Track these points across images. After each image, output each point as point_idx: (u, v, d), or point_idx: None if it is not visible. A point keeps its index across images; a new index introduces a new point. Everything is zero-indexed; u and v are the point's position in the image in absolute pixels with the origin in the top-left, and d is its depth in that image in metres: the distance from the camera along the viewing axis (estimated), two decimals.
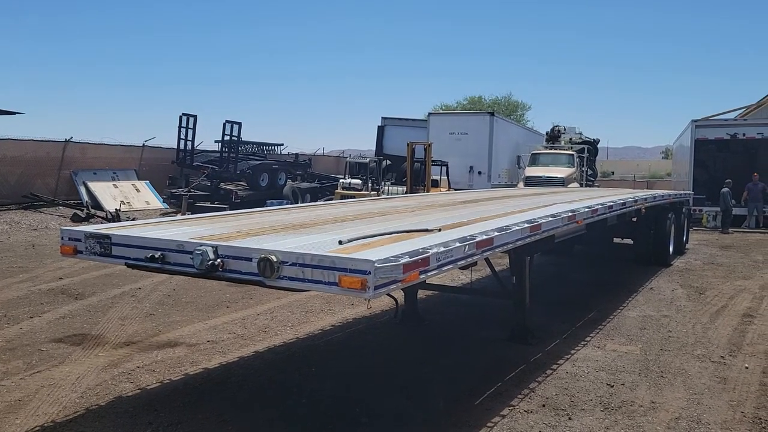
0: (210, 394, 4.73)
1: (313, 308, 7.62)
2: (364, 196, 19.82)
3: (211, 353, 5.76)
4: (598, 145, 32.37)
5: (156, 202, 20.43)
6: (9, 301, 7.54)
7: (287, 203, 21.08)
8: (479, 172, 24.13)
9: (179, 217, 8.45)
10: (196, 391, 4.80)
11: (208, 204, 19.59)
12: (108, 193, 19.08)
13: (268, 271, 3.21)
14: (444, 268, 3.50)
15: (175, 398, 4.62)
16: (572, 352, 5.95)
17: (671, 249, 11.95)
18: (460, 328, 6.89)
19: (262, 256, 3.23)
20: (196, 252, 3.43)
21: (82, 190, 18.62)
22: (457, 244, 3.65)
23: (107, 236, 3.87)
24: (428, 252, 3.32)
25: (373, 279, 2.92)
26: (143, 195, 20.40)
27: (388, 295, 3.51)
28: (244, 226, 4.41)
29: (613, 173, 40.08)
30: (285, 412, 4.40)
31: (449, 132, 24.45)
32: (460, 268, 3.97)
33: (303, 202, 22.78)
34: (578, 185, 23.08)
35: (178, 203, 19.91)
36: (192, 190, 20.36)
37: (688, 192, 15.25)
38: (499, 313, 7.03)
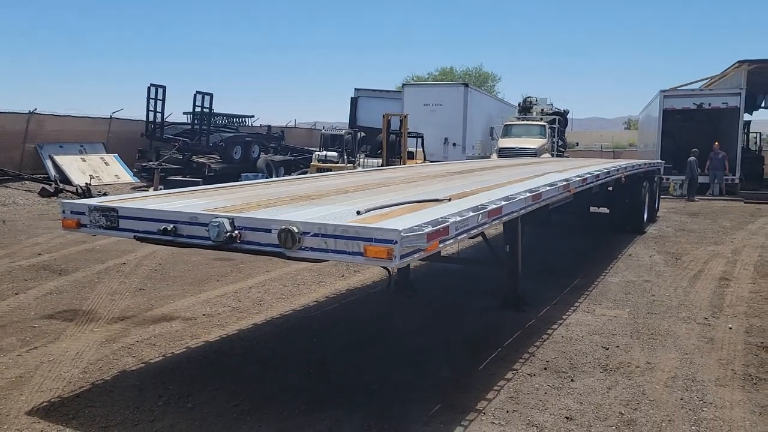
0: (215, 367, 4.74)
1: (304, 281, 7.64)
2: (341, 168, 19.72)
3: (209, 326, 5.74)
4: (567, 116, 32.81)
5: (126, 176, 19.95)
6: None
7: (262, 176, 20.84)
8: (454, 144, 24.25)
9: (155, 192, 8.31)
10: (201, 364, 4.80)
11: (180, 177, 19.22)
12: (76, 166, 18.52)
13: (289, 242, 3.21)
14: (459, 237, 3.55)
15: (181, 371, 4.61)
16: (564, 317, 6.12)
17: (645, 217, 12.31)
18: (453, 298, 7.01)
19: (283, 227, 3.22)
20: (213, 224, 3.40)
21: (49, 163, 18.03)
22: (471, 214, 3.69)
23: (113, 209, 3.79)
24: (447, 221, 3.36)
25: (399, 248, 2.95)
26: (112, 169, 19.88)
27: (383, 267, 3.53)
28: (249, 198, 4.37)
29: (577, 144, 40.63)
30: (293, 383, 4.43)
31: (424, 103, 24.42)
32: (469, 237, 4.04)
33: (277, 176, 22.54)
34: (550, 156, 23.40)
35: (149, 177, 19.48)
36: (163, 164, 19.93)
37: (659, 161, 15.64)
38: (489, 282, 7.17)
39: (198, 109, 21.37)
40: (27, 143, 18.12)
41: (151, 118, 20.74)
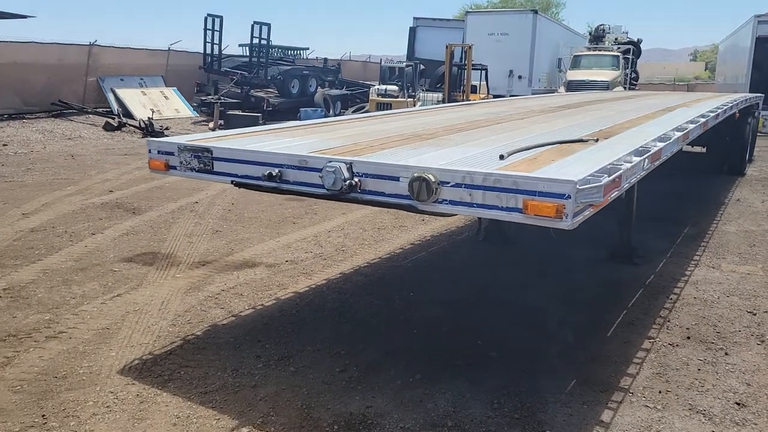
0: (311, 323, 4.32)
1: (384, 224, 7.13)
2: (401, 104, 18.86)
3: (294, 275, 5.34)
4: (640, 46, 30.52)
5: (186, 110, 19.69)
6: (65, 216, 7.13)
7: (321, 111, 20.22)
8: (519, 77, 22.88)
9: (249, 129, 7.82)
10: (295, 319, 4.39)
11: (239, 112, 18.80)
12: (137, 100, 18.33)
13: (423, 194, 2.63)
14: (625, 188, 2.89)
15: (275, 327, 4.22)
16: (687, 273, 5.43)
17: (747, 157, 11.19)
18: (551, 246, 6.35)
19: (417, 174, 2.63)
20: (327, 169, 2.84)
21: (111, 97, 17.88)
22: (636, 159, 3.02)
23: (207, 149, 3.28)
24: (620, 169, 2.70)
25: (572, 204, 2.33)
26: (172, 102, 19.62)
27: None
28: (355, 138, 3.78)
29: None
30: (399, 345, 3.98)
31: (488, 33, 22.97)
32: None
33: (334, 110, 21.88)
34: (623, 89, 21.84)
35: (209, 111, 19.15)
36: (222, 98, 19.52)
37: (758, 95, 14.14)
38: (588, 230, 6.48)
39: (255, 41, 20.67)
40: (88, 76, 17.95)
41: (208, 51, 20.24)
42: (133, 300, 4.66)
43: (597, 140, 3.48)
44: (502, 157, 2.85)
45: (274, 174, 3.02)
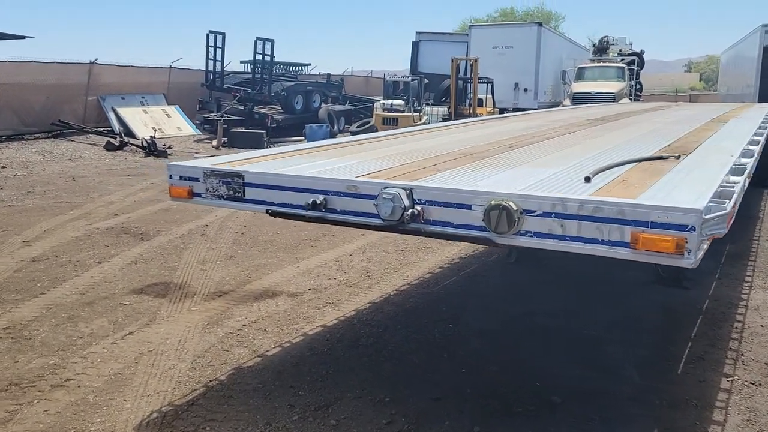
0: (346, 363, 3.89)
1: (407, 246, 6.72)
2: (408, 118, 18.54)
3: (320, 305, 4.92)
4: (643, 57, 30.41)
5: (188, 128, 19.34)
6: (69, 243, 6.71)
7: (326, 127, 19.88)
8: (525, 90, 22.64)
9: (270, 150, 7.45)
10: (328, 358, 3.96)
11: (243, 129, 18.46)
12: (138, 119, 17.97)
13: (503, 225, 2.22)
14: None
15: (307, 369, 3.79)
16: (743, 297, 5.03)
17: None
18: (588, 268, 5.96)
19: (495, 202, 2.23)
20: (384, 196, 2.44)
21: (112, 116, 17.53)
22: (738, 179, 2.62)
23: (238, 174, 2.88)
24: (732, 193, 2.31)
25: (697, 238, 1.93)
26: (174, 121, 19.27)
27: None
28: (399, 158, 3.37)
29: None
30: (448, 388, 3.55)
31: (492, 46, 22.75)
32: None
33: (338, 126, 21.57)
34: (629, 101, 21.59)
35: (212, 129, 18.82)
36: (225, 115, 19.18)
37: None
38: None
39: (258, 57, 20.37)
40: (89, 95, 17.61)
41: (210, 67, 19.94)
42: (146, 339, 4.23)
43: (679, 157, 3.09)
44: (588, 179, 2.45)
45: (318, 202, 2.61)
